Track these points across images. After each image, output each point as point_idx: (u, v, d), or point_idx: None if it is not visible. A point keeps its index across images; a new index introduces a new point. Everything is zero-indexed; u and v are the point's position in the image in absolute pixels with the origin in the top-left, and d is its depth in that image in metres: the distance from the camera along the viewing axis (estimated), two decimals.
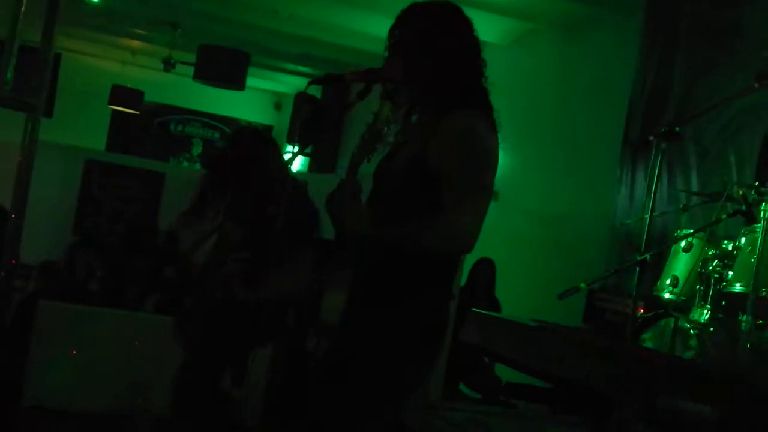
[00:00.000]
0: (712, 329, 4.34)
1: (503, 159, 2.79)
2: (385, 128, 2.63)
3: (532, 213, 8.19)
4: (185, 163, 15.34)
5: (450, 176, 2.59)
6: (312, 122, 11.37)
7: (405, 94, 2.76)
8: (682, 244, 4.66)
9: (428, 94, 2.75)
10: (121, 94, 13.15)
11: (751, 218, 4.48)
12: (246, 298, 4.19)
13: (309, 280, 4.22)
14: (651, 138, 4.56)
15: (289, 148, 12.72)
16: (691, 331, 4.33)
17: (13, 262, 4.86)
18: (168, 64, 11.74)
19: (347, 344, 2.74)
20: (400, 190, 2.70)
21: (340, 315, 2.72)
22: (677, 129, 4.51)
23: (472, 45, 2.80)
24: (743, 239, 4.42)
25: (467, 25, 2.80)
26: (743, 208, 4.54)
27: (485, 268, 7.40)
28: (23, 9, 4.72)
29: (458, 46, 2.76)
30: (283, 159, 4.79)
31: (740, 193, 4.56)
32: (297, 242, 4.18)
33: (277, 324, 4.33)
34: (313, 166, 13.32)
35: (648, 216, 4.55)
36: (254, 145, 4.51)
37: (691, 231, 4.63)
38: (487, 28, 8.30)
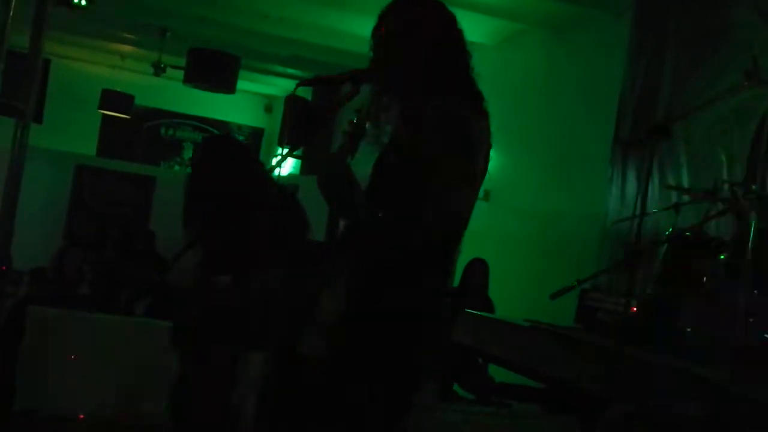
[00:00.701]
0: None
1: (494, 159, 2.79)
2: (367, 124, 2.65)
3: (523, 213, 8.20)
4: (176, 167, 15.31)
5: (436, 162, 2.60)
6: (302, 124, 11.37)
7: (392, 87, 2.78)
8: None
9: (414, 85, 2.76)
10: (111, 98, 13.11)
11: (741, 217, 4.49)
12: (231, 296, 4.17)
13: (300, 282, 4.21)
14: (641, 137, 4.58)
15: (280, 150, 12.71)
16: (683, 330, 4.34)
17: (4, 267, 4.85)
18: (158, 68, 11.72)
19: (349, 344, 2.73)
20: (391, 181, 2.70)
21: (339, 315, 2.71)
22: (667, 128, 4.52)
23: (456, 35, 2.82)
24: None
25: (449, 16, 2.83)
26: (734, 206, 4.55)
27: (478, 268, 7.40)
28: (11, 15, 4.71)
29: (442, 36, 2.78)
30: (257, 162, 4.77)
31: (730, 191, 4.57)
32: (282, 245, 4.17)
33: (267, 327, 4.32)
34: (304, 169, 13.31)
35: (639, 215, 4.55)
36: (220, 152, 4.47)
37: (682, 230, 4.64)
38: (475, 28, 8.30)
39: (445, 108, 2.67)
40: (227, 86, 11.31)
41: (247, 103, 15.59)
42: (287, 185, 4.85)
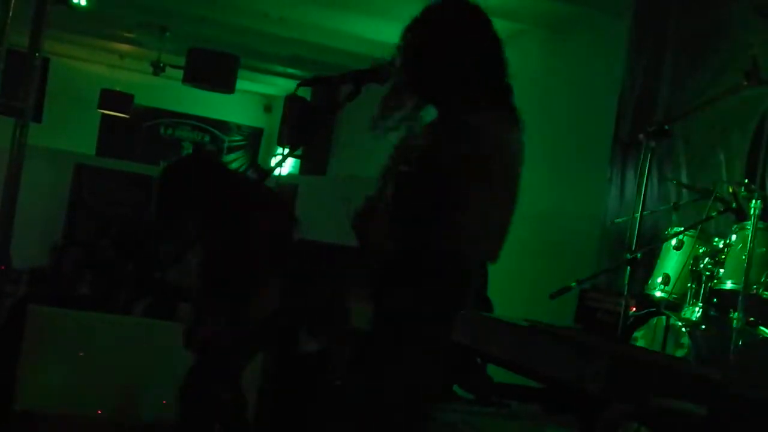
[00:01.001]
0: (703, 327, 4.35)
1: None
2: (416, 143, 2.62)
3: (522, 213, 8.15)
4: None
5: (465, 178, 2.57)
6: (302, 124, 11.37)
7: (429, 100, 2.75)
8: (673, 242, 4.67)
9: (444, 96, 2.73)
10: (110, 98, 13.12)
11: (741, 215, 4.50)
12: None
13: (300, 284, 4.21)
14: (641, 137, 4.57)
15: (280, 150, 12.72)
16: (683, 329, 4.34)
17: (3, 267, 4.85)
18: (157, 68, 11.72)
19: (375, 353, 2.73)
20: (414, 192, 2.67)
21: (367, 322, 2.72)
22: (666, 127, 4.52)
23: (491, 43, 2.78)
24: (734, 236, 4.43)
25: (484, 23, 2.79)
26: (733, 205, 4.55)
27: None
28: (11, 14, 4.71)
29: (479, 45, 2.74)
30: (234, 174, 4.76)
31: (730, 190, 4.57)
32: (281, 245, 4.17)
33: (269, 331, 4.32)
34: (304, 168, 13.31)
35: (638, 214, 4.55)
36: (189, 172, 4.45)
37: (682, 229, 4.64)
38: None
39: (480, 124, 2.63)
40: (226, 86, 11.30)
41: (246, 102, 15.59)
42: (285, 185, 4.84)
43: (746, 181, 4.52)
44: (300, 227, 4.33)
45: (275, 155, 14.79)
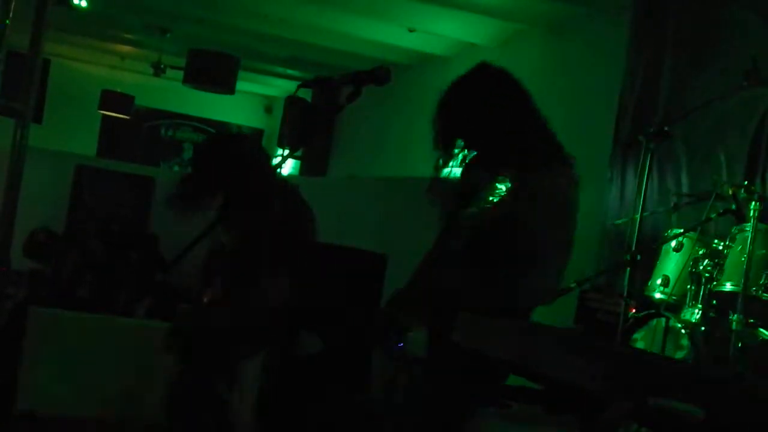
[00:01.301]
0: (703, 328, 4.35)
1: None
2: (488, 204, 2.69)
3: None
4: (176, 168, 15.32)
5: (530, 236, 2.63)
6: (302, 125, 11.37)
7: (491, 164, 2.81)
8: (673, 243, 4.67)
9: (503, 159, 2.79)
10: (111, 99, 13.13)
11: (740, 217, 4.50)
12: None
13: (302, 285, 4.21)
14: (640, 138, 4.57)
15: (280, 151, 12.72)
16: (683, 331, 4.34)
17: (4, 269, 4.84)
18: (158, 69, 11.73)
19: (432, 377, 2.78)
20: (482, 243, 2.73)
21: (425, 349, 2.78)
22: (666, 128, 4.52)
23: (524, 100, 2.86)
24: (734, 238, 4.43)
25: (510, 81, 2.86)
26: (733, 206, 4.56)
27: None
28: (11, 15, 4.70)
29: (516, 107, 2.81)
30: (271, 162, 4.78)
31: (730, 192, 4.58)
32: (291, 245, 4.17)
33: (269, 331, 4.32)
34: (304, 170, 13.31)
35: (638, 216, 4.56)
36: (240, 149, 4.47)
37: (682, 230, 4.65)
38: (476, 29, 8.30)
39: (544, 183, 2.69)
40: (227, 87, 11.31)
41: (246, 103, 15.60)
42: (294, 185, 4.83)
43: (746, 182, 4.52)
44: (317, 229, 4.33)
45: (276, 156, 14.80)
